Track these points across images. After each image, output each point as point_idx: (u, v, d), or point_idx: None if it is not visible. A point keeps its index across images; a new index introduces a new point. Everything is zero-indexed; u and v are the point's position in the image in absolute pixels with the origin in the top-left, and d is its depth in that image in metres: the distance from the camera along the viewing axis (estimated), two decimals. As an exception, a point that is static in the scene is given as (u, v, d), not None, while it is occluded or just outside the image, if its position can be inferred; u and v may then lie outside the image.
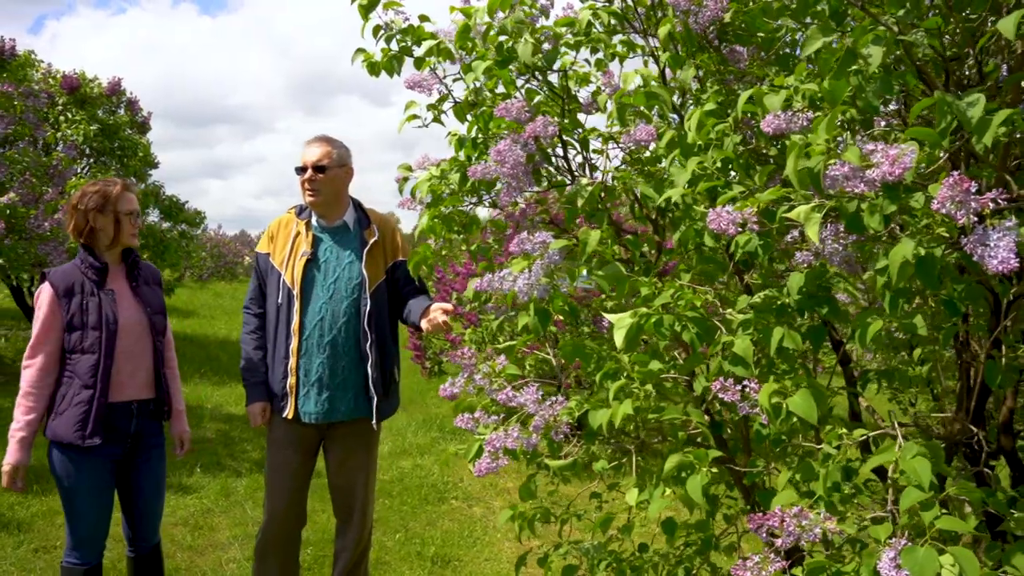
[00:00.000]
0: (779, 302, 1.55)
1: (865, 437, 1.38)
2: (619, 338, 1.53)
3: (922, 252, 1.08)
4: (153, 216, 9.28)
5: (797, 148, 1.12)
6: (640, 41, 2.15)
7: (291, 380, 2.64)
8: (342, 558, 2.81)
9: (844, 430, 1.30)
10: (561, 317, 1.98)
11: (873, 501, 1.46)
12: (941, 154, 1.14)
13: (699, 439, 1.92)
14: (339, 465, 2.75)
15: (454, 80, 2.12)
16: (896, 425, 1.26)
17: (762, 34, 1.85)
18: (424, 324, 2.53)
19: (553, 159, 2.19)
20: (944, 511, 1.12)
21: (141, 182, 8.96)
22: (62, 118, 7.59)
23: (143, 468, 2.56)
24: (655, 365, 1.61)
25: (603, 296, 1.98)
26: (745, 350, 1.43)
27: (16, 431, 2.37)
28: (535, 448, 1.58)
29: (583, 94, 2.20)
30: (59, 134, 7.21)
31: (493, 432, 1.53)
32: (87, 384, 2.39)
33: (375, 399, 2.64)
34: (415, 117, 2.14)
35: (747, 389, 1.41)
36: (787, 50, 1.93)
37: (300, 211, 2.80)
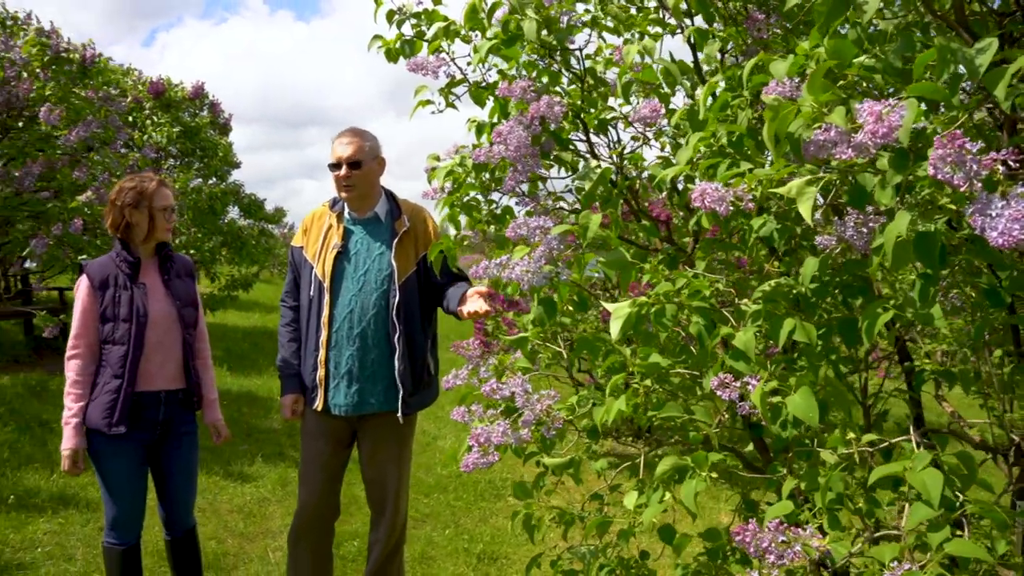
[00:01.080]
0: (795, 291, 1.40)
1: (885, 444, 1.22)
2: (615, 329, 1.42)
3: (931, 228, 0.93)
4: (233, 213, 9.66)
5: (773, 111, 0.99)
6: (672, 21, 2.02)
7: (321, 372, 2.63)
8: (375, 550, 2.79)
9: (853, 434, 1.14)
10: (571, 307, 1.89)
11: (897, 516, 1.29)
12: (959, 114, 0.97)
13: (720, 439, 1.78)
14: (370, 458, 2.73)
15: (468, 64, 2.04)
16: (912, 431, 1.10)
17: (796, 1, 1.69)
18: (464, 311, 2.46)
19: (575, 143, 2.08)
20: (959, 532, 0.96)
21: (221, 181, 9.35)
22: (148, 122, 8.01)
23: (174, 455, 2.62)
24: (656, 358, 1.48)
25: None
26: (746, 343, 1.29)
27: (70, 418, 2.46)
28: (529, 443, 1.49)
29: (612, 76, 2.08)
30: (145, 136, 7.59)
31: (479, 426, 1.45)
32: (116, 374, 2.46)
33: (401, 392, 2.60)
34: (429, 103, 2.08)
35: (749, 387, 1.27)
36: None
37: (333, 203, 2.79)
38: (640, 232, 1.96)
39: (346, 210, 2.75)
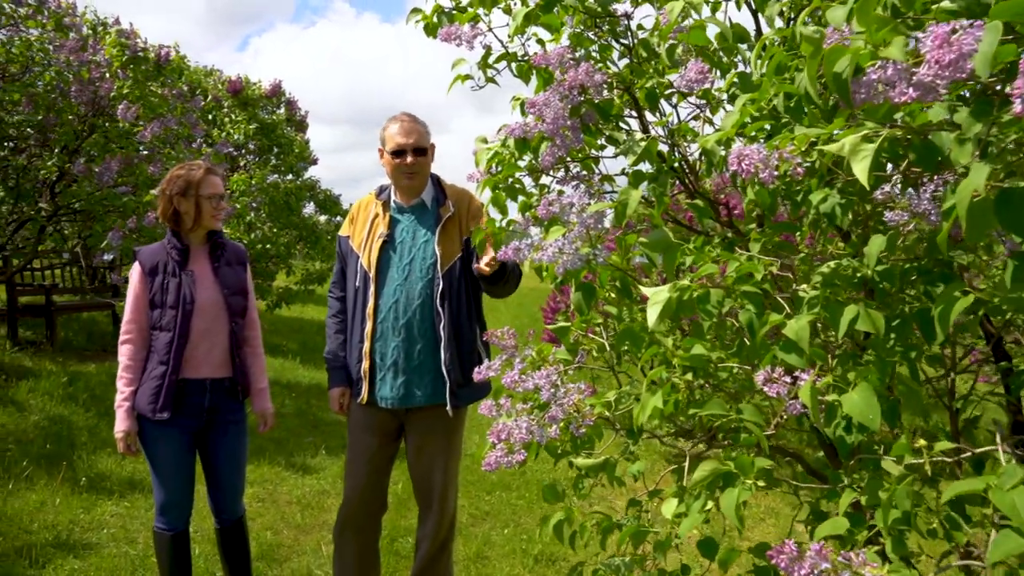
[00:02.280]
0: (859, 274, 1.22)
1: (968, 454, 1.03)
2: (652, 316, 1.27)
3: (1019, 184, 0.75)
4: (308, 209, 9.86)
5: (812, 46, 0.82)
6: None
7: (365, 364, 2.57)
8: (422, 547, 2.71)
9: (923, 441, 0.96)
10: (613, 295, 1.74)
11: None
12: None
13: (786, 443, 1.60)
14: (417, 451, 2.65)
15: (509, 37, 1.92)
16: (1000, 440, 0.91)
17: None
18: (477, 268, 2.38)
19: (628, 121, 1.92)
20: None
21: (297, 177, 9.55)
22: (227, 119, 8.26)
23: (220, 443, 2.61)
24: (700, 349, 1.32)
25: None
26: (799, 332, 1.12)
27: (121, 402, 2.49)
28: (560, 442, 1.36)
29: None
30: (223, 133, 7.84)
31: (501, 421, 1.33)
32: (162, 360, 2.47)
33: (447, 384, 2.50)
34: (468, 78, 1.96)
35: (800, 382, 1.10)
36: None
37: (380, 192, 2.73)
38: (693, 212, 1.79)
39: (392, 198, 2.68)
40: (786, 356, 1.13)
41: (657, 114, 1.92)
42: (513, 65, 1.98)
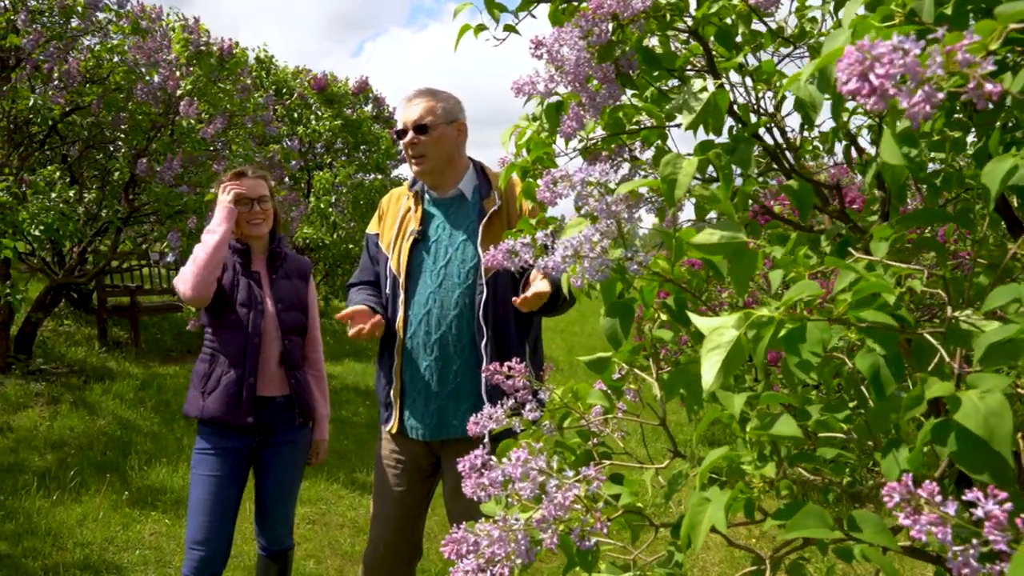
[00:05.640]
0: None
1: None
2: (709, 371, 0.78)
3: None
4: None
5: None
6: None
7: (396, 386, 2.16)
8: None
9: None
10: (664, 316, 1.23)
11: None
12: None
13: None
14: (453, 492, 2.21)
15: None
16: None
17: None
18: (518, 300, 1.95)
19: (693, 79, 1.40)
20: None
21: (383, 174, 9.35)
22: (312, 116, 8.16)
23: (272, 465, 2.37)
24: (788, 426, 0.80)
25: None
26: (990, 422, 0.59)
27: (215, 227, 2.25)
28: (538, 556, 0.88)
29: None
30: (309, 130, 7.72)
31: (463, 528, 0.86)
32: (235, 363, 2.27)
33: None
34: (481, 28, 1.49)
35: (992, 534, 0.56)
36: None
37: (413, 183, 2.31)
38: (788, 197, 1.25)
39: (426, 189, 2.26)
40: (958, 456, 0.60)
41: (735, 72, 1.38)
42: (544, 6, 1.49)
